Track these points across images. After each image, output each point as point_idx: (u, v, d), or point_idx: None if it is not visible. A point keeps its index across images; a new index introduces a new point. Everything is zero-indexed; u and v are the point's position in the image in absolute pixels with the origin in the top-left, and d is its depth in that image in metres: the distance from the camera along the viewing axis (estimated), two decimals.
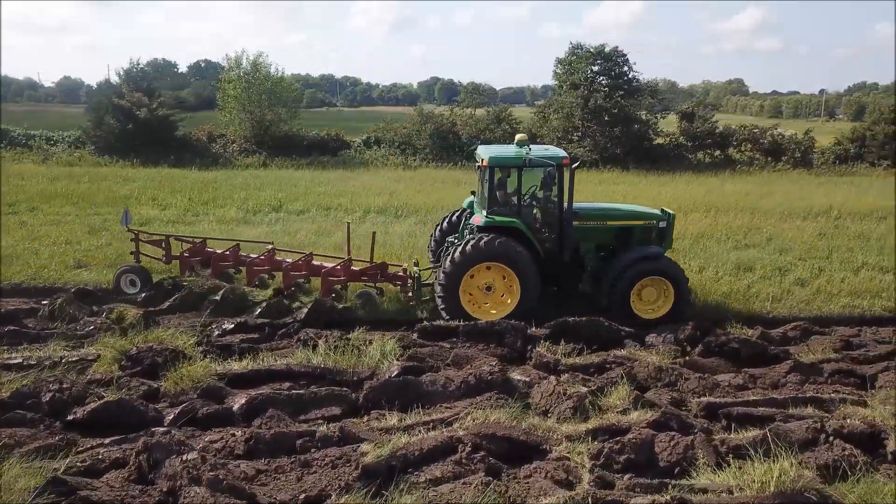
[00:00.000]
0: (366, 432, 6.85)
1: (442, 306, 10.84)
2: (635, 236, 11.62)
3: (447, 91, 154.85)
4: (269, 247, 12.84)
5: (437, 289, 10.92)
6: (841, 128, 47.22)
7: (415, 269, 11.96)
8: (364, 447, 6.36)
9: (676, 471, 6.37)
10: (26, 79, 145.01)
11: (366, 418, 7.35)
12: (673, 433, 6.74)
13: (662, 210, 12.04)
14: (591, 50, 35.48)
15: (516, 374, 8.71)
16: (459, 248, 10.70)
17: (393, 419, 7.11)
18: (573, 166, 10.95)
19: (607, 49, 35.28)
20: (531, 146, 11.41)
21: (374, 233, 12.75)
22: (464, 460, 6.44)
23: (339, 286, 11.82)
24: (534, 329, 10.13)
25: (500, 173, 11.39)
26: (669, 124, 38.99)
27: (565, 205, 11.09)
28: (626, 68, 35.68)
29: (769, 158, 36.25)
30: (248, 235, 16.81)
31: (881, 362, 9.28)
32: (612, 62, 35.28)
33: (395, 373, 8.12)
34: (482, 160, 11.18)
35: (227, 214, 19.44)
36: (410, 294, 11.67)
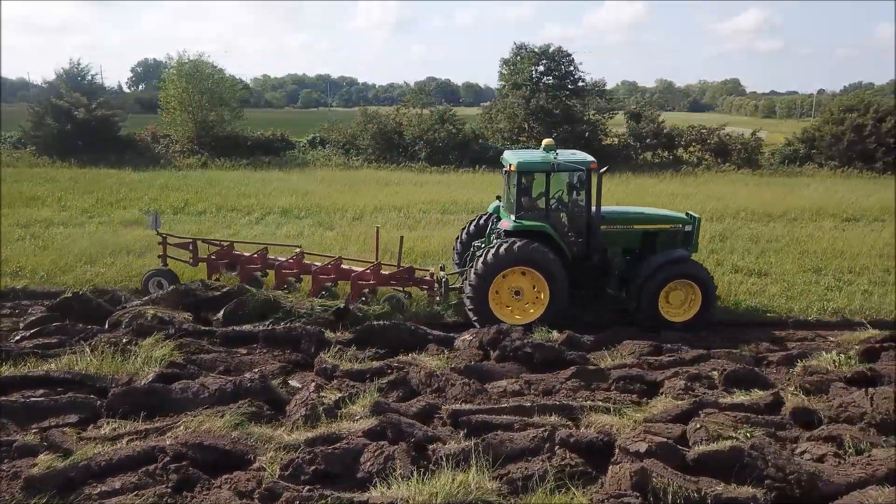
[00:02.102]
0: (73, 442, 6.68)
1: (471, 311, 10.89)
2: (661, 240, 11.67)
3: (444, 91, 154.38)
4: (297, 250, 12.83)
5: (467, 293, 10.95)
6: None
7: (441, 273, 12.08)
8: (41, 458, 6.20)
9: (375, 481, 6.21)
10: (19, 79, 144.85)
11: (90, 427, 7.18)
12: (382, 442, 6.58)
13: (688, 214, 12.08)
14: (536, 50, 35.33)
15: (294, 381, 8.59)
16: (488, 253, 10.75)
17: (107, 428, 6.94)
18: (601, 171, 10.95)
19: (551, 49, 35.13)
20: (558, 151, 11.56)
21: (401, 237, 12.79)
22: (158, 471, 6.28)
23: (368, 290, 11.91)
24: (339, 333, 10.00)
25: (525, 178, 11.36)
26: (620, 125, 38.82)
27: (593, 209, 11.14)
28: (571, 68, 35.52)
29: (717, 159, 36.09)
30: (135, 236, 16.75)
31: (674, 368, 9.11)
32: (557, 62, 35.11)
33: (149, 379, 7.95)
34: (510, 165, 11.21)
35: (124, 216, 19.28)
36: (438, 298, 11.80)
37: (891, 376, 8.78)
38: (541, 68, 35.28)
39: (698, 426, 7.09)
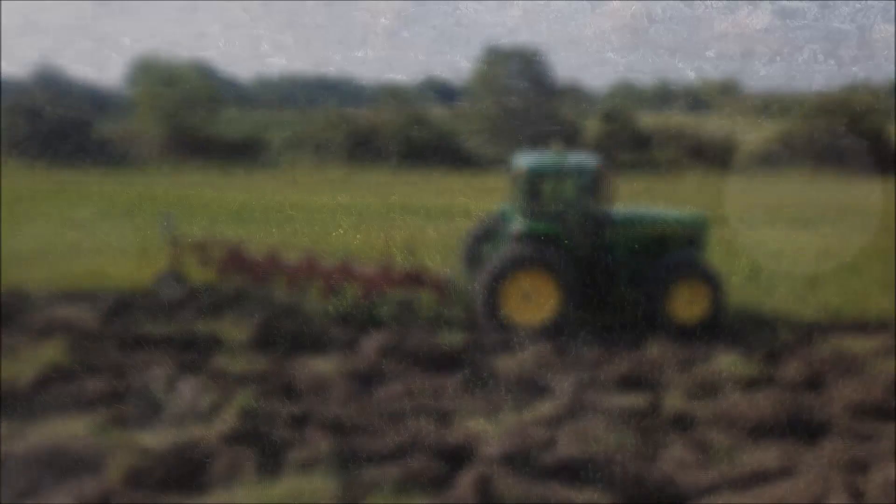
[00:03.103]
0: None
1: (481, 314, 10.82)
2: (671, 240, 11.60)
3: (441, 91, 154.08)
4: (306, 253, 12.58)
5: (476, 296, 10.87)
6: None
7: (450, 276, 12.00)
8: None
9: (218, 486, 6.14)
10: (18, 79, 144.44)
11: None
12: (234, 447, 6.51)
13: (698, 214, 12.16)
14: (507, 51, 35.29)
15: (181, 384, 8.50)
16: (498, 256, 10.73)
17: None
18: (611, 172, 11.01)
19: (524, 50, 35.11)
20: (567, 153, 11.57)
21: (410, 240, 12.68)
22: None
23: (377, 292, 11.87)
24: (240, 336, 9.93)
25: (535, 180, 11.33)
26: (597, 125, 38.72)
27: (602, 210, 11.14)
28: (545, 69, 35.46)
29: (692, 159, 36.02)
30: (75, 237, 16.71)
31: (574, 370, 9.03)
32: (529, 63, 35.06)
33: (26, 382, 7.88)
34: (519, 168, 11.22)
35: (72, 216, 19.19)
36: (448, 301, 11.72)
37: (787, 380, 8.76)
38: (512, 69, 35.16)
39: (567, 430, 7.03)
